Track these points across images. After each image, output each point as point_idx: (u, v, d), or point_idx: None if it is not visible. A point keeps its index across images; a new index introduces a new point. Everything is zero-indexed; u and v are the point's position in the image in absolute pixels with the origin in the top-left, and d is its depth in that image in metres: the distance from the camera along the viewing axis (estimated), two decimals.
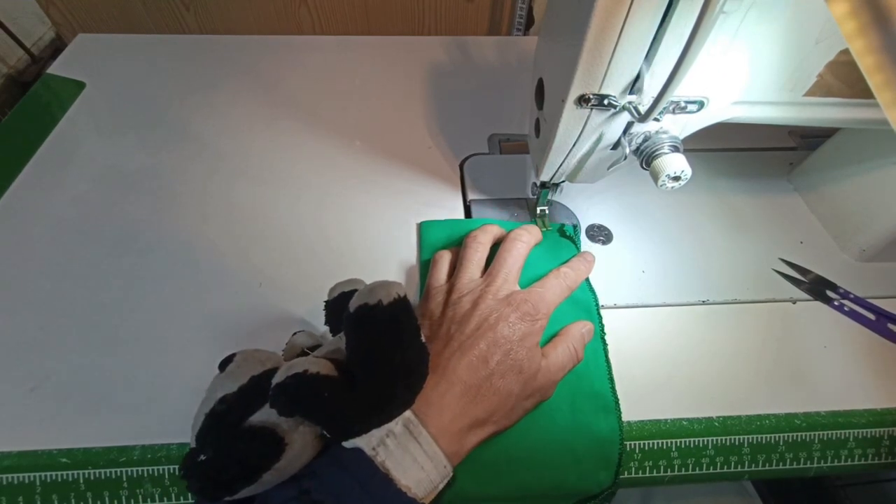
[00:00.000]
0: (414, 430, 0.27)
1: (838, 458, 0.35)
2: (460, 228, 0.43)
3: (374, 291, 0.28)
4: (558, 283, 0.36)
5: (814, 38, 0.28)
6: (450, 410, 0.28)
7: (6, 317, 0.38)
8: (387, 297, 0.28)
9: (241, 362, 0.29)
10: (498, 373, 0.30)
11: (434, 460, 0.27)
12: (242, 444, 0.26)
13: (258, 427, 0.26)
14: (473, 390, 0.29)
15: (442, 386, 0.29)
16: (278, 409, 0.26)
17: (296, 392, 0.26)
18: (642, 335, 0.38)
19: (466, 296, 0.34)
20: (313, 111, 0.55)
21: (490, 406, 0.29)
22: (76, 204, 0.45)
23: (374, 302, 0.27)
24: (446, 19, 0.69)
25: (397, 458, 0.26)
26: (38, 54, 0.67)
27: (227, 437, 0.26)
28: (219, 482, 0.25)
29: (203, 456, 0.25)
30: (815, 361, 0.37)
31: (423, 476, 0.26)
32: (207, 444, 0.26)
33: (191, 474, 0.25)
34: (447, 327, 0.32)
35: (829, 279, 0.41)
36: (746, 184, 0.49)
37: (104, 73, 0.58)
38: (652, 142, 0.31)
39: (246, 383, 0.28)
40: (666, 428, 0.34)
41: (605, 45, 0.26)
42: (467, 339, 0.31)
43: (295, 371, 0.26)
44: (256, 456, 0.25)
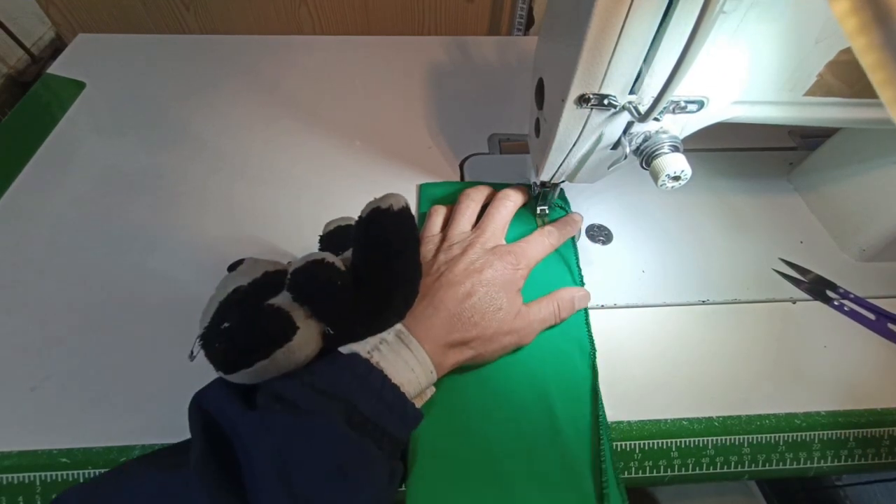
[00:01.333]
0: (405, 338, 0.31)
1: (838, 458, 0.35)
2: (456, 188, 0.47)
3: (385, 198, 0.30)
4: (541, 240, 0.39)
5: (814, 37, 0.28)
6: (434, 330, 0.32)
7: (6, 317, 0.38)
8: (396, 204, 0.30)
9: (252, 263, 0.31)
10: (479, 306, 0.33)
11: (422, 364, 0.30)
12: (264, 318, 0.27)
13: (276, 306, 0.28)
14: (456, 317, 0.32)
15: (429, 309, 0.32)
16: (294, 292, 0.28)
17: (314, 276, 0.28)
18: (642, 335, 0.38)
19: (457, 244, 0.38)
20: (313, 111, 0.55)
21: (470, 333, 0.32)
22: (76, 204, 0.45)
23: (385, 206, 0.30)
24: (446, 19, 0.69)
25: (390, 360, 0.30)
26: (38, 54, 0.67)
27: (249, 311, 0.28)
28: (236, 350, 0.27)
29: (227, 324, 0.27)
30: (815, 361, 0.37)
31: (412, 377, 0.30)
32: (229, 316, 0.28)
33: (213, 341, 0.27)
34: (437, 266, 0.36)
35: (829, 279, 0.41)
36: (746, 184, 0.49)
37: (104, 73, 0.58)
38: (652, 142, 0.31)
39: (259, 277, 0.30)
40: (666, 428, 0.34)
41: (605, 45, 0.26)
42: (455, 276, 0.34)
43: (314, 258, 0.29)
44: (275, 330, 0.27)
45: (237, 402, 0.28)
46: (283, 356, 0.27)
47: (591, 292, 0.39)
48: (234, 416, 0.27)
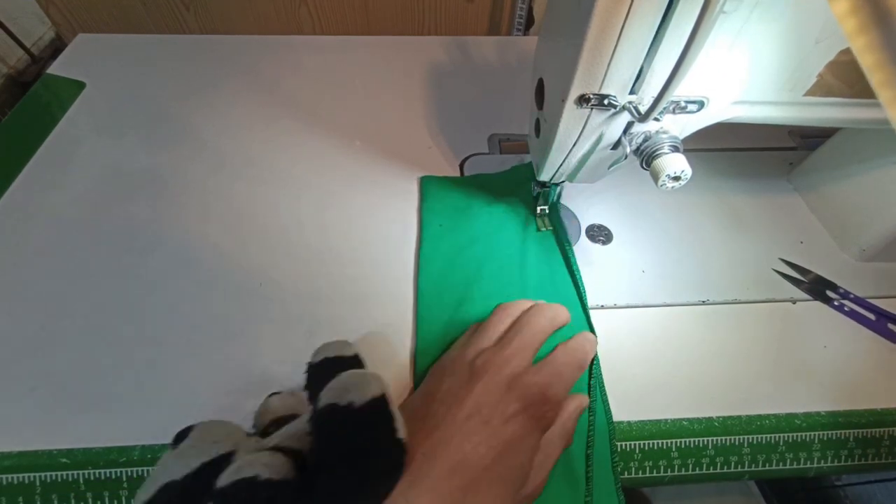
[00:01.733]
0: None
1: (838, 458, 0.35)
2: (457, 184, 0.47)
3: (347, 390, 0.24)
4: (572, 362, 0.31)
5: (814, 37, 0.28)
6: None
7: (6, 317, 0.38)
8: (360, 397, 0.24)
9: (195, 441, 0.26)
10: (486, 478, 0.24)
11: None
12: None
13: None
14: (451, 495, 0.24)
15: (414, 484, 0.24)
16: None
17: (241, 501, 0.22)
18: (642, 335, 0.38)
19: (465, 368, 0.29)
20: (313, 111, 0.55)
21: None
22: (76, 204, 0.45)
23: (344, 403, 0.24)
24: (446, 19, 0.69)
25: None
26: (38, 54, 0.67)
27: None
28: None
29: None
30: (815, 361, 0.37)
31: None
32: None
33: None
34: (436, 408, 0.27)
35: (829, 279, 0.41)
36: (746, 184, 0.49)
37: (104, 73, 0.58)
38: (652, 142, 0.31)
39: (193, 472, 0.24)
40: (666, 428, 0.34)
41: (605, 45, 0.26)
42: (452, 434, 0.25)
43: (243, 475, 0.23)
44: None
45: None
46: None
47: (589, 293, 0.39)
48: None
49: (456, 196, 0.46)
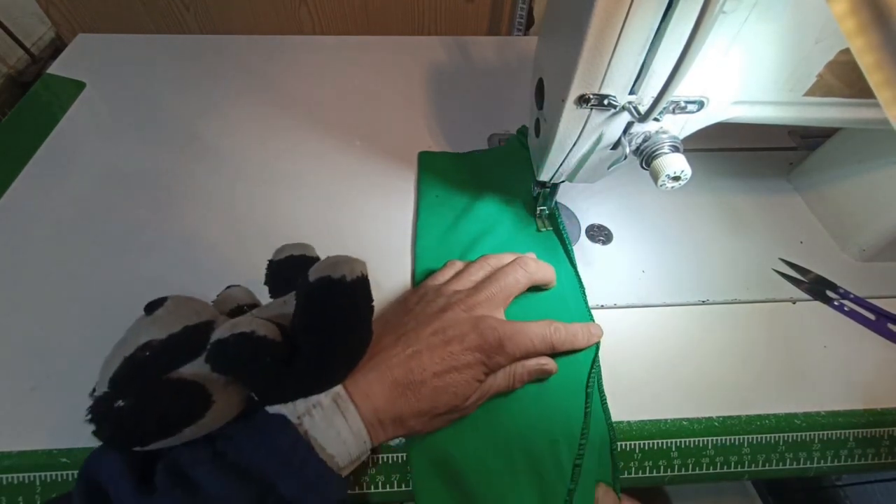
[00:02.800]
0: (342, 404, 0.27)
1: (838, 458, 0.35)
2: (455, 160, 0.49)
3: (338, 265, 0.26)
4: (541, 333, 0.33)
5: (814, 37, 0.28)
6: (375, 397, 0.28)
7: (6, 317, 0.38)
8: (350, 273, 0.27)
9: (173, 309, 0.27)
10: (429, 383, 0.29)
11: (357, 436, 0.27)
12: (167, 397, 0.24)
13: (187, 380, 0.25)
14: (401, 389, 0.29)
15: (373, 374, 0.29)
16: (214, 366, 0.25)
17: (238, 352, 0.25)
18: (642, 335, 0.38)
19: (441, 298, 0.33)
20: (313, 111, 0.55)
21: (412, 409, 0.29)
22: (76, 204, 0.45)
23: (337, 276, 0.26)
24: (446, 19, 0.69)
25: (321, 429, 0.26)
26: (38, 54, 0.67)
27: (151, 386, 0.24)
28: (133, 433, 0.23)
29: (121, 402, 0.23)
30: (815, 361, 0.37)
31: (343, 449, 0.27)
32: (127, 390, 0.24)
33: (103, 420, 0.23)
34: (407, 321, 0.32)
35: (829, 279, 0.41)
36: (746, 184, 0.49)
37: (104, 73, 0.58)
38: (652, 142, 0.31)
39: (178, 332, 0.26)
40: (666, 428, 0.34)
41: (605, 45, 0.26)
42: (416, 342, 0.30)
43: (241, 330, 0.25)
44: (181, 410, 0.24)
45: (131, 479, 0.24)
46: (193, 432, 0.24)
47: (589, 293, 0.39)
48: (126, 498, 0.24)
49: (452, 169, 0.49)
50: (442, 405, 0.29)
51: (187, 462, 0.24)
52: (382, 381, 0.28)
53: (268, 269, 0.33)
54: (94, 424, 0.23)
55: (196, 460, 0.24)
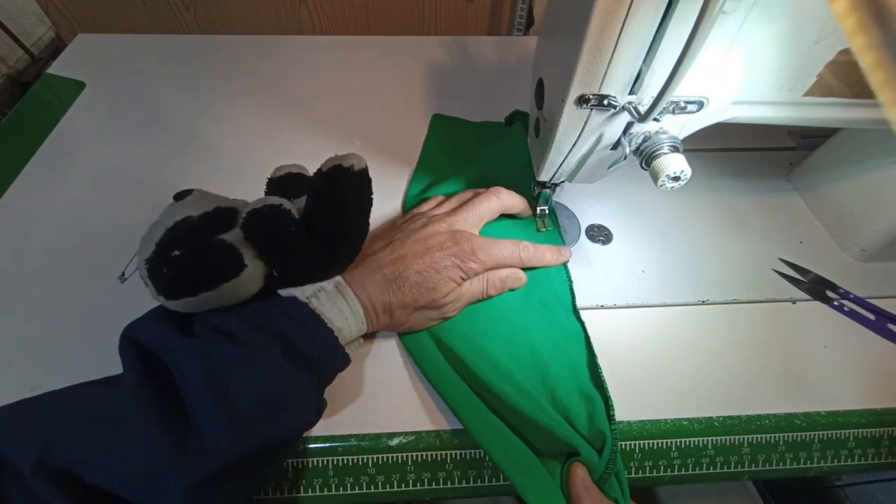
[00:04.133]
0: (342, 290, 0.32)
1: (838, 458, 0.35)
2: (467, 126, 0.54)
3: (348, 157, 0.30)
4: (511, 247, 0.38)
5: (813, 37, 0.28)
6: (369, 288, 0.33)
7: (6, 317, 0.38)
8: (358, 164, 0.31)
9: (201, 196, 0.32)
10: (414, 279, 0.34)
11: (356, 316, 0.32)
12: (215, 250, 0.28)
13: (228, 242, 0.28)
14: (388, 283, 0.34)
15: (366, 270, 0.34)
16: (247, 232, 0.29)
17: (270, 218, 0.29)
18: (642, 335, 0.38)
19: (424, 218, 0.38)
20: (313, 111, 0.55)
21: (398, 300, 0.34)
22: (76, 204, 0.45)
23: (347, 165, 0.30)
24: (446, 19, 0.69)
25: (327, 307, 0.31)
26: (37, 54, 0.66)
27: (201, 242, 0.28)
28: (185, 279, 0.27)
29: (178, 252, 0.27)
30: (815, 361, 0.37)
31: (345, 326, 0.32)
32: (179, 244, 0.28)
33: (160, 265, 0.27)
34: (394, 234, 0.37)
35: (829, 279, 0.41)
36: (746, 184, 0.49)
37: (104, 73, 0.58)
38: (652, 142, 0.31)
39: (211, 210, 0.30)
40: (666, 428, 0.34)
41: (605, 45, 0.26)
42: (403, 247, 0.35)
43: (272, 202, 0.29)
44: (224, 264, 0.28)
45: (174, 330, 0.28)
46: (228, 290, 0.28)
47: (588, 293, 0.39)
48: (171, 344, 0.28)
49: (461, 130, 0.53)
50: (423, 298, 0.34)
51: (219, 321, 0.28)
52: (374, 275, 0.34)
53: (267, 186, 0.36)
54: (150, 272, 0.27)
55: (226, 320, 0.28)
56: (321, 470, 0.32)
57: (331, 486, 0.32)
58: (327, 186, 0.30)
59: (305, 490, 0.32)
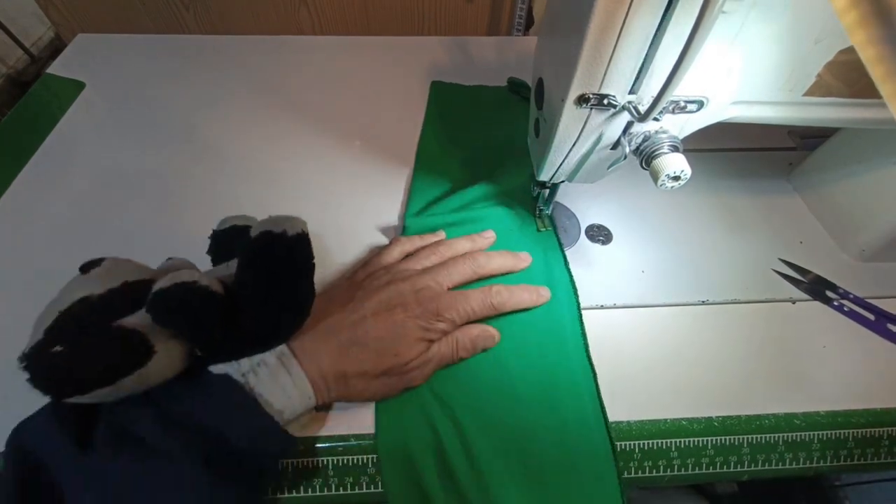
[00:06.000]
0: (286, 362, 0.29)
1: (838, 458, 0.35)
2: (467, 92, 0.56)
3: (279, 221, 0.28)
4: (480, 297, 0.35)
5: (813, 37, 0.28)
6: (319, 356, 0.30)
7: (6, 316, 0.38)
8: (291, 229, 0.28)
9: (111, 267, 0.28)
10: (371, 346, 0.31)
11: (302, 393, 0.29)
12: (107, 343, 0.24)
13: (128, 328, 0.24)
14: (345, 349, 0.30)
15: (319, 336, 0.31)
16: (155, 316, 0.24)
17: (180, 301, 0.25)
18: (642, 335, 0.38)
19: (388, 274, 0.35)
20: (313, 111, 0.55)
21: (355, 368, 0.30)
22: (76, 204, 0.45)
23: (278, 231, 0.28)
24: (446, 19, 0.69)
25: (267, 385, 0.27)
26: (37, 54, 0.66)
27: (90, 333, 0.24)
28: (71, 378, 0.23)
29: (59, 347, 0.23)
30: (815, 361, 0.37)
31: (288, 404, 0.28)
32: (63, 337, 0.24)
33: (37, 365, 0.23)
34: (354, 293, 0.34)
35: (829, 279, 0.41)
36: (746, 184, 0.49)
37: (104, 73, 0.58)
38: (652, 141, 0.31)
39: (117, 287, 0.26)
40: (666, 428, 0.34)
41: (605, 45, 0.26)
42: (361, 310, 0.32)
43: (183, 280, 0.25)
44: (121, 357, 0.24)
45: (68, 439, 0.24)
46: (133, 382, 0.24)
47: (588, 293, 0.39)
48: (62, 459, 0.23)
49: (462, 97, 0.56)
50: (384, 364, 0.31)
51: (128, 418, 0.24)
52: (328, 342, 0.30)
53: (211, 239, 0.34)
54: (29, 370, 0.23)
55: (139, 418, 0.24)
56: (321, 470, 0.32)
57: (331, 486, 0.32)
58: (257, 256, 0.27)
59: (305, 490, 0.32)
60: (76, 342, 0.24)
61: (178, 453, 0.24)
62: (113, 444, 0.24)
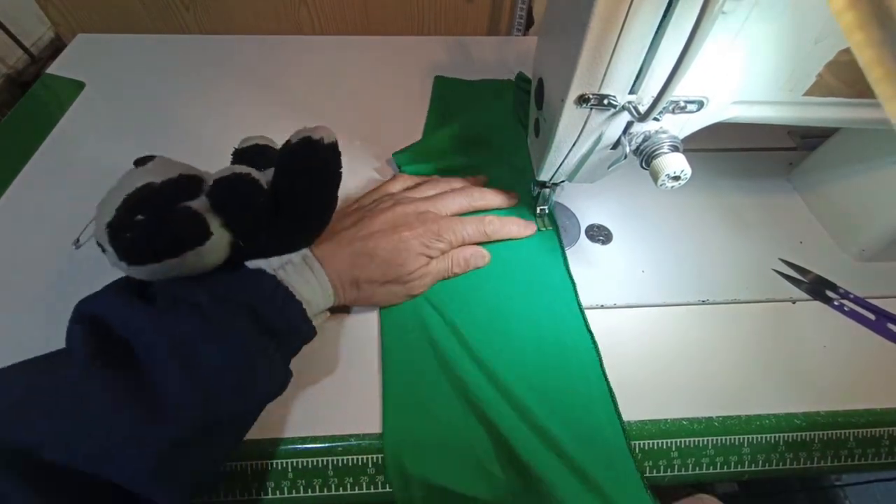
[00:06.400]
0: (309, 262, 0.33)
1: (838, 458, 0.35)
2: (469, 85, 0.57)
3: (316, 129, 0.30)
4: (475, 225, 0.39)
5: (813, 37, 0.28)
6: (336, 261, 0.34)
7: (6, 317, 0.38)
8: (328, 137, 0.30)
9: (164, 162, 0.31)
10: (380, 256, 0.35)
11: (323, 288, 0.32)
12: (180, 218, 0.27)
13: (193, 210, 0.28)
14: (356, 258, 0.34)
15: (334, 244, 0.35)
16: (214, 200, 0.28)
17: (237, 187, 0.28)
18: (642, 335, 0.38)
19: (392, 199, 0.39)
20: (313, 111, 0.55)
21: (365, 275, 0.35)
22: (76, 204, 0.45)
23: (317, 137, 0.30)
24: (446, 19, 0.69)
25: (295, 279, 0.31)
26: (37, 54, 0.66)
27: (165, 209, 0.28)
28: (149, 244, 0.27)
29: (141, 216, 0.27)
30: (815, 361, 0.37)
31: (312, 297, 0.32)
32: (142, 209, 0.27)
33: (122, 229, 0.26)
34: (363, 213, 0.38)
35: (829, 279, 0.41)
36: (746, 184, 0.49)
37: (104, 73, 0.58)
38: (652, 141, 0.31)
39: (175, 178, 0.29)
40: (666, 428, 0.34)
41: (605, 45, 0.26)
42: (370, 227, 0.36)
43: (239, 171, 0.29)
44: (189, 231, 0.27)
45: (135, 302, 0.27)
46: (193, 258, 0.28)
47: (588, 293, 0.39)
48: (132, 315, 0.27)
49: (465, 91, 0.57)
50: (390, 273, 0.35)
51: (182, 291, 0.28)
52: (342, 250, 0.34)
53: (233, 157, 0.37)
54: (111, 236, 0.26)
55: (190, 290, 0.28)
56: (321, 470, 0.32)
57: (331, 486, 0.32)
58: (296, 158, 0.30)
59: (306, 490, 0.32)
60: (154, 215, 0.27)
61: (229, 316, 0.27)
62: (173, 306, 0.27)
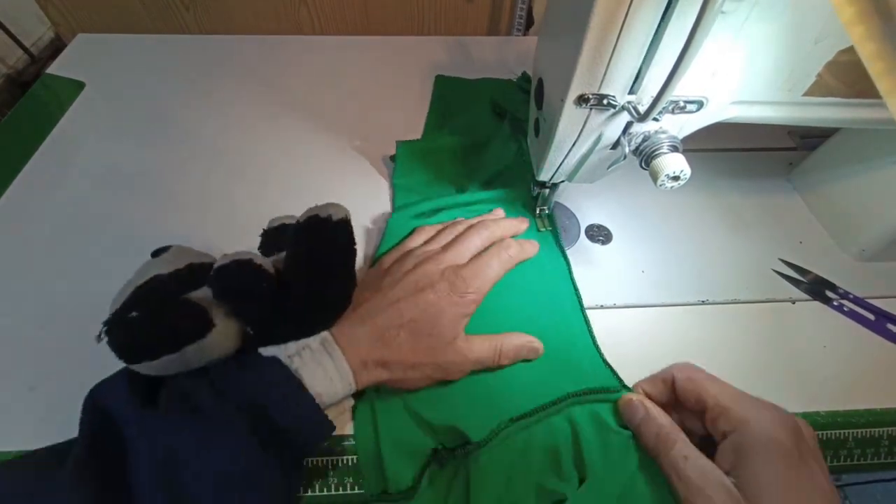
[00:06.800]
0: (328, 347, 0.30)
1: (838, 458, 0.34)
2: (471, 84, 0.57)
3: (325, 207, 0.30)
4: (498, 259, 0.37)
5: (813, 37, 0.28)
6: (359, 342, 0.31)
7: (6, 317, 0.38)
8: (336, 214, 0.30)
9: (177, 252, 0.31)
10: (408, 328, 0.31)
11: (343, 376, 0.29)
12: (176, 312, 0.27)
13: (193, 301, 0.27)
14: (382, 334, 0.31)
15: (356, 322, 0.32)
16: (215, 291, 0.28)
17: (238, 277, 0.28)
18: (642, 335, 0.38)
19: (413, 258, 0.36)
20: (313, 111, 0.55)
21: (392, 355, 0.31)
22: (76, 204, 0.45)
23: (325, 215, 0.30)
24: (446, 19, 0.69)
25: (311, 368, 0.29)
26: (37, 54, 0.66)
27: (161, 303, 0.27)
28: (145, 342, 0.26)
29: (135, 313, 0.26)
30: (815, 361, 0.37)
31: (330, 387, 0.29)
32: (139, 306, 0.27)
33: (117, 328, 0.26)
34: (385, 280, 0.35)
35: (829, 279, 0.41)
36: (746, 184, 0.49)
37: (104, 73, 0.58)
38: (651, 141, 0.31)
39: (182, 268, 0.29)
40: None
41: (605, 45, 0.26)
42: (394, 293, 0.33)
43: (241, 258, 0.28)
44: (187, 326, 0.26)
45: (135, 398, 0.27)
46: (195, 353, 0.27)
47: (588, 293, 0.39)
48: (127, 413, 0.26)
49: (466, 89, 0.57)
50: (422, 345, 0.31)
51: (188, 386, 0.27)
52: (363, 327, 0.31)
53: (262, 237, 0.37)
54: (107, 335, 0.26)
55: (196, 385, 0.27)
56: (321, 470, 0.32)
57: (331, 486, 0.32)
58: (304, 239, 0.29)
59: (305, 490, 0.32)
60: (148, 310, 0.27)
61: (228, 421, 0.25)
62: (171, 405, 0.26)
